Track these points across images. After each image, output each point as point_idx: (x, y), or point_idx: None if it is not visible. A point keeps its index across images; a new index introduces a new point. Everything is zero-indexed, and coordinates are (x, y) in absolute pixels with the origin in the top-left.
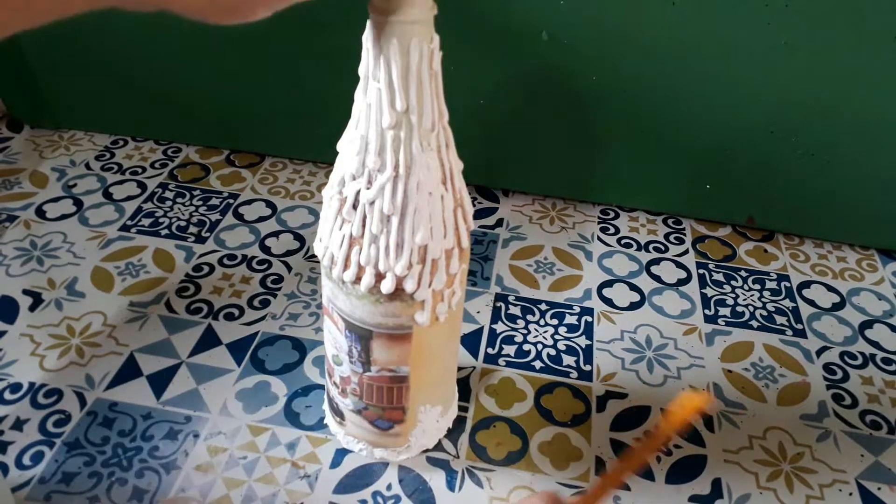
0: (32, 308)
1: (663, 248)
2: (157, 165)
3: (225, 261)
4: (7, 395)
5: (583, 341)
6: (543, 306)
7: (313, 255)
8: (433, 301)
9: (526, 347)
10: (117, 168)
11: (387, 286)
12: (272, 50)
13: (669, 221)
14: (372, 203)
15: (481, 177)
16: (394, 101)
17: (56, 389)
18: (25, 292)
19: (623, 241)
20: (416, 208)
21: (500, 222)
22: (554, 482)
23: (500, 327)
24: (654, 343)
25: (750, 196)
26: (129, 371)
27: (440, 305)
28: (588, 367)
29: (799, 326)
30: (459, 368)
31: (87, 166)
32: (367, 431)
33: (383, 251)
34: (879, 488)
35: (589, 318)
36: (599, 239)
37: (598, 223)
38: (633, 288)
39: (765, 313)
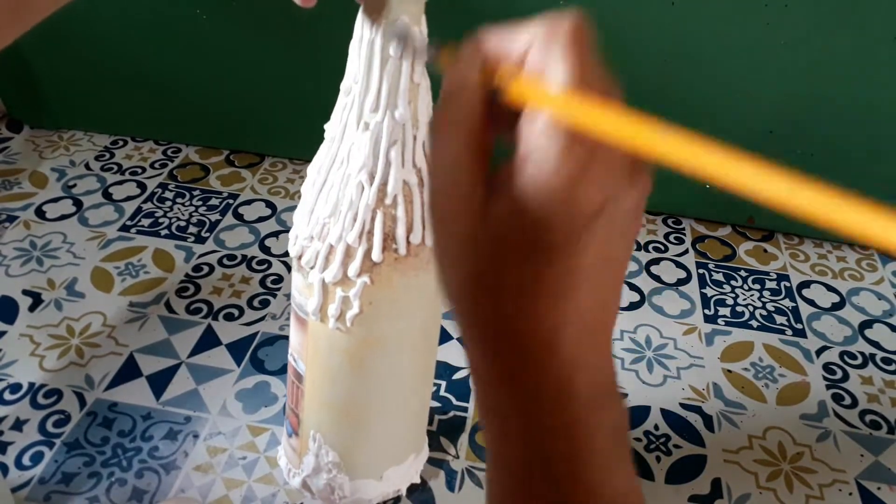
0: (32, 308)
1: (663, 248)
2: (156, 165)
3: (225, 261)
4: (7, 396)
5: None
6: None
7: None
8: (322, 293)
9: None
10: (117, 168)
11: (294, 249)
12: (272, 51)
13: (669, 221)
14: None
15: None
16: (350, 65)
17: (56, 390)
18: (25, 292)
19: None
20: (333, 183)
21: None
22: None
23: None
24: (653, 343)
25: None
26: (128, 371)
27: (331, 306)
28: None
29: (799, 326)
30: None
31: (87, 166)
32: (285, 431)
33: (302, 211)
34: (879, 488)
35: None
36: None
37: None
38: (633, 288)
39: (764, 313)
